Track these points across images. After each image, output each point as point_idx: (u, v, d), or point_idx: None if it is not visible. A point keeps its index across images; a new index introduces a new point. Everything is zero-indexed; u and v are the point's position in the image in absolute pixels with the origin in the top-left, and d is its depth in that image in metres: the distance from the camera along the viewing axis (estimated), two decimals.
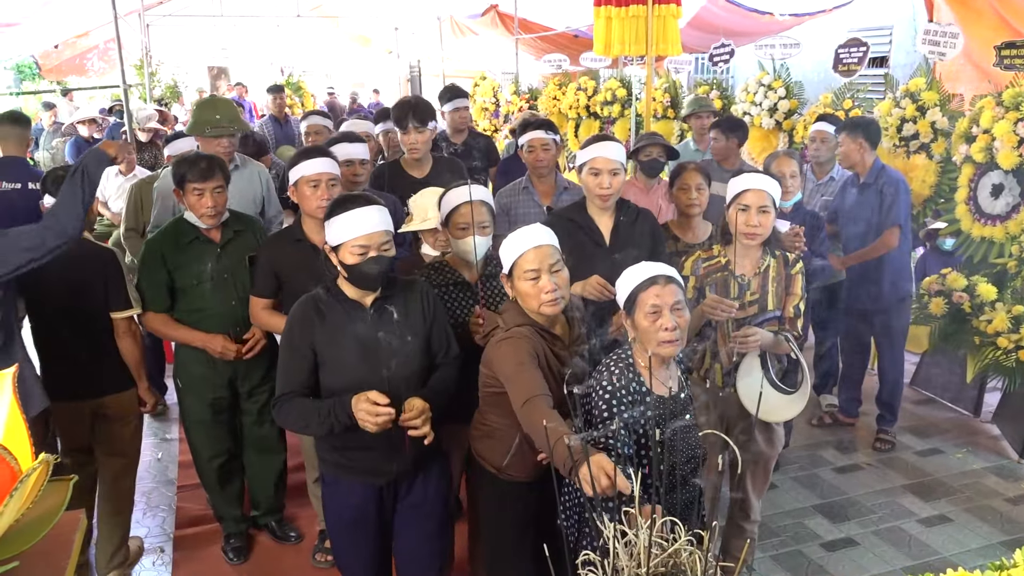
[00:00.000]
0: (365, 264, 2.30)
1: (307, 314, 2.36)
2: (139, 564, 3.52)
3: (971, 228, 4.92)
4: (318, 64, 17.72)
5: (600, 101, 8.92)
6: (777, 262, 2.90)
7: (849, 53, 6.05)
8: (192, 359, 3.24)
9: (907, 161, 5.29)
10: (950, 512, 3.91)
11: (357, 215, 2.31)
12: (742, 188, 2.83)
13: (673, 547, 1.55)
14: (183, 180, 3.07)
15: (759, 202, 2.79)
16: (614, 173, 3.02)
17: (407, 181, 3.86)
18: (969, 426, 4.91)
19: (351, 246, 2.30)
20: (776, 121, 6.51)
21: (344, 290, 2.39)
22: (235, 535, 3.53)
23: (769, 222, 2.81)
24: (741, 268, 2.88)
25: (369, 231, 2.30)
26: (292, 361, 2.36)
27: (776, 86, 6.57)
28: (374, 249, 2.30)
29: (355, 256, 2.29)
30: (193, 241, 3.13)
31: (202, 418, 3.33)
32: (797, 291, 2.89)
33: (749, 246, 2.83)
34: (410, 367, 2.40)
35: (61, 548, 1.16)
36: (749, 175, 2.87)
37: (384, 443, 2.33)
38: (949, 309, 4.87)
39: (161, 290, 3.12)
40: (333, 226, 2.33)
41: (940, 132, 5.16)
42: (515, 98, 10.46)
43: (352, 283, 2.35)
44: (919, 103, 5.23)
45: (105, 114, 9.73)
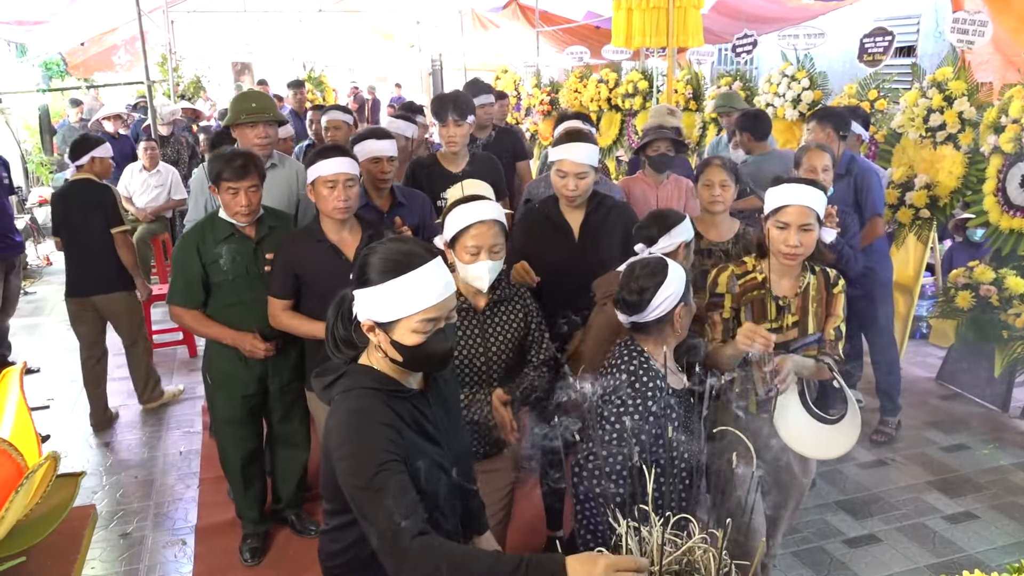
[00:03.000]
0: (433, 341, 1.67)
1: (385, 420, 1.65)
2: (160, 556, 3.57)
3: (999, 220, 4.83)
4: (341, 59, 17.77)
5: (621, 94, 8.86)
6: (818, 280, 2.65)
7: (874, 42, 5.94)
8: (223, 356, 3.24)
9: (934, 152, 5.20)
10: (976, 509, 3.83)
11: (421, 277, 1.64)
12: (781, 202, 2.52)
13: (686, 544, 1.53)
14: (219, 177, 3.06)
15: (801, 220, 2.49)
16: (580, 176, 2.99)
17: (444, 176, 3.86)
18: (997, 421, 4.81)
19: (416, 322, 1.65)
20: (800, 112, 6.41)
21: (388, 375, 1.74)
22: (252, 536, 3.54)
23: (812, 241, 2.52)
24: (779, 287, 2.62)
25: (440, 298, 1.66)
26: (400, 481, 1.59)
27: (800, 77, 6.47)
28: (443, 320, 1.70)
29: (419, 335, 1.66)
30: (228, 237, 3.14)
31: (231, 416, 3.33)
32: (839, 312, 2.64)
33: (788, 265, 2.58)
34: (467, 447, 1.97)
35: (71, 543, 1.17)
36: (790, 186, 2.54)
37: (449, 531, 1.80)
38: (977, 303, 4.79)
39: (195, 286, 3.13)
40: (380, 296, 1.65)
41: (968, 122, 5.05)
42: (536, 91, 10.41)
43: (410, 367, 1.72)
44: (946, 93, 5.12)
45: (130, 110, 9.83)
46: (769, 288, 2.59)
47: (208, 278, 3.14)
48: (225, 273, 3.13)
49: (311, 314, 2.99)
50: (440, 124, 3.83)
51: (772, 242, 2.54)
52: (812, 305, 2.63)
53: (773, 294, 2.59)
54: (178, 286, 3.16)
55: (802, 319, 2.62)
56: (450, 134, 3.81)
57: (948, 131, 5.12)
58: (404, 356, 1.67)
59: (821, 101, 6.40)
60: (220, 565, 3.49)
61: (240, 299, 3.17)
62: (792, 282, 2.61)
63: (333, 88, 11.46)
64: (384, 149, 3.46)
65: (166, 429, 4.83)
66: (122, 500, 4.04)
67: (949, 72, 5.18)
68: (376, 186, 3.52)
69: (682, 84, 7.94)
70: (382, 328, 1.67)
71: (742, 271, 2.67)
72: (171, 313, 3.21)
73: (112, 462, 4.45)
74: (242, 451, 3.39)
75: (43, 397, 5.24)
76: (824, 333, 2.64)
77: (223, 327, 3.17)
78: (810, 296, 2.62)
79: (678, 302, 2.28)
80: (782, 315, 2.60)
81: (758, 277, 2.63)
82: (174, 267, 3.19)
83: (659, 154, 3.98)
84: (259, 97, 3.80)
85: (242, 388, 3.29)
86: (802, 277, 2.62)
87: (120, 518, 3.88)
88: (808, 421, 2.48)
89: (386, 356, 1.69)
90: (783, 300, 2.60)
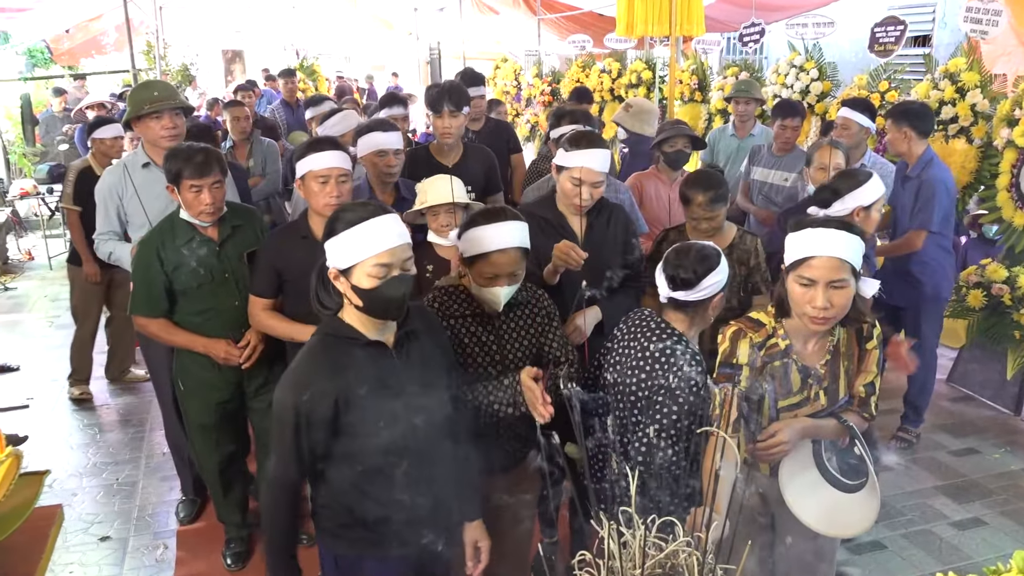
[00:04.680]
0: (388, 286, 1.93)
1: (319, 368, 1.97)
2: (141, 560, 3.59)
3: (1013, 216, 4.85)
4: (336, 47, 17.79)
5: (625, 84, 8.87)
6: (848, 335, 2.28)
7: (886, 32, 5.96)
8: (195, 363, 3.18)
9: (946, 146, 5.21)
10: (985, 515, 3.85)
11: (374, 226, 1.94)
12: (805, 253, 2.10)
13: (669, 548, 1.55)
14: (179, 176, 2.94)
15: (831, 276, 2.07)
16: (596, 185, 2.91)
17: (438, 169, 3.76)
18: (1008, 425, 4.83)
19: (370, 266, 1.92)
20: (808, 104, 6.43)
21: (356, 327, 2.01)
22: (235, 540, 3.54)
23: (846, 300, 2.12)
24: (804, 354, 2.27)
25: (391, 245, 1.94)
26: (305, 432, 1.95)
27: (808, 67, 6.50)
28: (397, 267, 1.96)
29: (374, 278, 1.92)
30: (190, 241, 3.04)
31: (205, 422, 3.28)
32: (873, 368, 2.29)
33: (816, 331, 2.21)
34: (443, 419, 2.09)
35: (35, 542, 1.18)
36: (816, 232, 2.11)
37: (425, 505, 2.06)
38: (988, 302, 4.81)
39: (158, 294, 3.04)
40: (342, 243, 1.94)
41: (981, 115, 5.07)
42: (537, 81, 10.44)
43: (369, 312, 1.97)
44: (959, 84, 5.14)
45: (115, 99, 9.85)
46: (794, 357, 2.25)
47: (172, 285, 3.05)
48: (189, 280, 3.04)
49: (294, 315, 2.94)
50: (435, 115, 3.83)
51: (795, 302, 2.16)
52: (843, 365, 2.28)
53: (799, 364, 2.25)
54: (140, 296, 3.06)
55: (831, 385, 2.28)
56: (445, 125, 3.81)
57: (960, 124, 5.15)
58: (363, 300, 1.94)
59: (830, 92, 6.42)
60: (202, 570, 3.51)
61: (208, 305, 3.09)
62: (819, 344, 2.26)
63: (327, 78, 11.48)
64: (390, 142, 3.44)
65: (148, 430, 4.85)
66: (102, 502, 4.07)
67: (962, 63, 5.19)
68: (381, 180, 3.51)
69: (687, 74, 7.96)
70: (343, 274, 1.95)
71: (761, 337, 2.27)
72: (136, 323, 3.15)
73: (92, 463, 4.47)
74: (219, 456, 3.35)
75: (22, 396, 5.27)
76: (852, 390, 2.31)
77: (193, 335, 3.09)
78: (840, 355, 2.27)
79: (720, 290, 2.39)
80: (808, 385, 2.27)
81: (780, 344, 2.25)
82: (134, 276, 3.09)
83: (676, 151, 3.94)
84: (159, 85, 3.70)
85: (217, 395, 3.23)
86: (831, 336, 2.26)
87: (100, 521, 3.90)
88: (819, 482, 2.22)
89: (351, 304, 1.97)
90: (811, 374, 2.25)
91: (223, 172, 3.06)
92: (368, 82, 16.82)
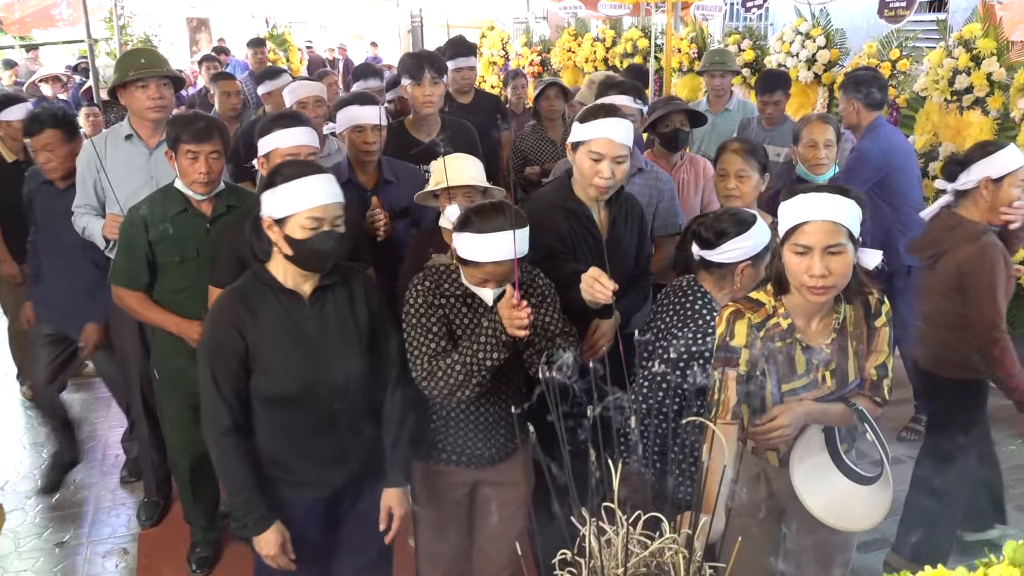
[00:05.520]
0: (318, 239, 2.21)
1: (234, 310, 2.27)
2: (100, 566, 3.59)
3: None
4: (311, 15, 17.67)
5: (619, 53, 8.86)
6: (855, 312, 2.27)
7: None
8: (171, 350, 3.20)
9: (960, 118, 5.23)
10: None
11: (311, 183, 2.22)
12: (799, 219, 2.11)
13: (654, 546, 1.55)
14: (177, 140, 2.98)
15: (826, 241, 2.07)
16: (618, 161, 2.69)
17: (411, 145, 3.78)
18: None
19: (303, 218, 2.20)
20: (815, 74, 6.43)
21: (277, 276, 2.31)
22: (201, 544, 3.54)
23: (845, 268, 2.10)
24: (808, 333, 2.25)
25: (325, 201, 2.22)
26: (223, 375, 2.26)
27: (815, 34, 6.49)
28: (328, 223, 2.23)
29: (306, 230, 2.20)
30: (181, 213, 3.07)
31: (180, 416, 3.29)
32: (883, 347, 2.28)
33: (817, 303, 2.19)
34: (355, 370, 2.36)
35: None
36: (808, 197, 2.12)
37: (328, 450, 2.37)
38: None
39: (139, 266, 3.08)
40: (279, 195, 2.22)
41: (997, 85, 5.08)
42: (526, 50, 10.40)
43: (298, 263, 2.26)
44: (974, 52, 5.15)
45: (70, 72, 9.78)
46: (798, 337, 2.24)
47: (154, 258, 3.08)
48: (171, 253, 3.08)
49: None
50: (414, 83, 3.77)
51: (792, 274, 2.15)
52: (851, 345, 2.26)
53: (804, 344, 2.24)
54: (121, 264, 3.12)
55: (839, 366, 2.26)
56: (426, 94, 3.76)
57: (976, 94, 5.16)
58: (293, 250, 2.21)
59: (838, 61, 6.42)
60: None
61: (189, 284, 3.10)
62: (823, 322, 2.25)
63: (299, 48, 11.42)
64: (368, 116, 3.37)
65: (107, 428, 4.85)
66: (57, 506, 4.06)
67: (977, 29, 5.20)
68: (360, 159, 3.44)
69: (686, 43, 7.94)
70: (278, 223, 2.21)
71: (761, 318, 2.26)
72: (114, 294, 3.18)
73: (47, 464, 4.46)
74: (193, 453, 3.34)
75: None
76: (864, 373, 2.30)
77: (167, 313, 3.13)
78: (847, 335, 2.25)
79: (746, 258, 2.51)
80: (813, 367, 2.25)
81: (782, 323, 2.24)
82: (119, 243, 3.15)
83: (672, 130, 3.77)
84: (148, 52, 3.68)
85: (190, 385, 3.15)
86: (835, 314, 2.25)
87: (55, 526, 3.90)
88: (830, 471, 2.23)
89: (281, 253, 2.24)
90: (816, 355, 2.24)
91: (224, 144, 3.07)
92: (341, 52, 16.67)
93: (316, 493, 2.43)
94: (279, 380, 2.27)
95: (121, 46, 9.07)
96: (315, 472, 2.39)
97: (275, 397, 2.29)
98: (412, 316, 2.43)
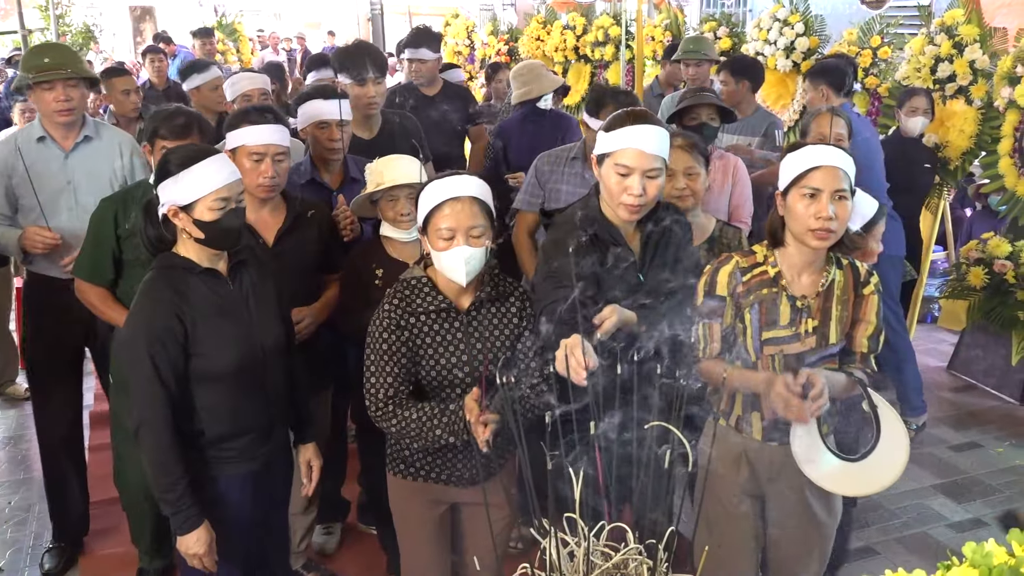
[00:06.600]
0: (227, 218, 2.35)
1: (168, 296, 2.36)
2: None
3: (1016, 185, 4.96)
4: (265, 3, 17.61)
5: (590, 42, 8.89)
6: (845, 277, 2.44)
7: None
8: None
9: (943, 107, 5.31)
10: (987, 515, 3.97)
11: (213, 164, 2.34)
12: (809, 165, 2.31)
13: (617, 557, 1.58)
14: (154, 135, 2.98)
15: (834, 185, 2.28)
16: (651, 175, 2.43)
17: (355, 144, 3.72)
18: (1014, 416, 4.97)
19: (211, 200, 2.33)
20: (793, 62, 6.49)
21: (191, 259, 2.42)
22: (149, 572, 3.50)
23: (847, 214, 2.33)
24: (796, 285, 2.41)
25: (229, 180, 2.36)
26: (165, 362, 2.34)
27: (793, 21, 6.55)
28: (233, 200, 2.37)
29: (215, 211, 2.33)
30: None
31: None
32: (871, 317, 2.43)
33: (819, 249, 2.36)
34: (278, 341, 2.56)
35: None
36: (815, 148, 2.36)
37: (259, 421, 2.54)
38: (991, 280, 4.91)
39: (104, 260, 3.06)
40: (182, 182, 2.33)
41: (980, 73, 5.17)
42: (492, 39, 10.43)
43: (211, 244, 2.38)
44: (956, 39, 5.24)
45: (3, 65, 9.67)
46: (784, 285, 2.41)
47: (121, 254, 3.06)
48: (140, 251, 3.01)
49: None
50: (357, 84, 3.71)
51: (796, 219, 2.32)
52: (836, 308, 2.41)
53: (789, 293, 2.40)
54: (86, 257, 3.09)
55: (822, 324, 2.40)
56: (371, 94, 3.73)
57: (958, 83, 5.25)
58: (205, 232, 2.34)
59: (818, 48, 6.48)
60: None
61: None
62: (813, 277, 2.41)
63: (250, 38, 11.36)
64: (333, 111, 3.33)
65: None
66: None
67: (959, 15, 5.29)
68: (324, 157, 3.42)
69: (659, 30, 8.00)
70: (184, 210, 2.33)
71: (749, 263, 2.45)
72: (76, 288, 3.14)
73: None
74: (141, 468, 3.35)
75: None
76: (853, 344, 2.45)
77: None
78: (834, 296, 2.41)
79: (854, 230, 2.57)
80: (798, 319, 2.39)
81: (769, 272, 2.42)
82: (87, 234, 3.12)
83: (698, 124, 3.64)
84: (55, 49, 3.59)
85: None
86: (825, 272, 2.41)
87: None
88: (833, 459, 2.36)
89: (191, 238, 2.36)
90: (800, 301, 2.39)
91: (205, 141, 3.01)
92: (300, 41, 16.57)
93: (250, 466, 2.55)
94: (217, 358, 2.40)
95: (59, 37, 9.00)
96: (249, 445, 2.52)
97: (212, 374, 2.41)
98: (375, 341, 2.42)
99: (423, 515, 2.64)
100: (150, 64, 7.22)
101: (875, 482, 2.39)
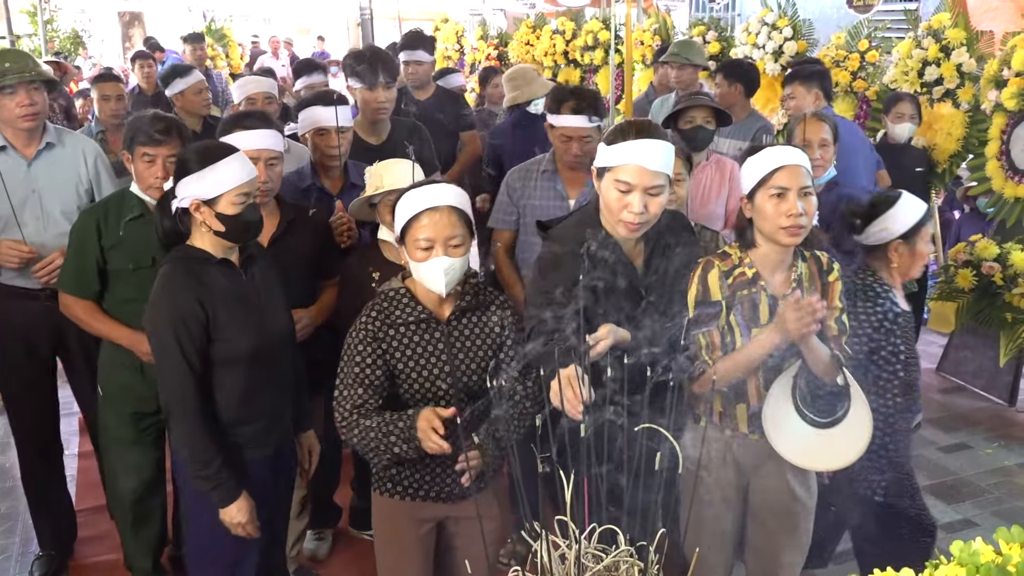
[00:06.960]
0: (248, 211, 2.49)
1: (189, 283, 2.47)
2: None
3: (1004, 187, 4.99)
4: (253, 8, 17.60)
5: (580, 46, 8.92)
6: (810, 268, 2.55)
7: None
8: (118, 363, 3.12)
9: (931, 110, 5.35)
10: (976, 516, 3.98)
11: (235, 161, 2.48)
12: (773, 166, 2.39)
13: (608, 559, 1.58)
14: (133, 141, 2.96)
15: (800, 183, 2.37)
16: (652, 192, 2.35)
17: (363, 150, 3.73)
18: (1002, 417, 5.00)
19: (234, 195, 2.45)
20: (782, 66, 6.53)
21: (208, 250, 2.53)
22: None
23: (813, 208, 2.41)
24: (772, 283, 2.50)
25: (250, 176, 2.51)
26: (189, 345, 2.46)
27: (781, 25, 6.59)
28: (252, 195, 2.52)
29: (236, 206, 2.46)
30: (136, 219, 3.01)
31: (123, 436, 3.19)
32: (838, 302, 2.54)
33: (791, 245, 2.44)
34: (288, 330, 2.73)
35: None
36: (775, 149, 2.45)
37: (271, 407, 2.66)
38: (979, 282, 4.93)
39: (89, 272, 3.02)
40: (207, 177, 2.44)
41: (967, 76, 5.21)
42: (482, 44, 10.44)
43: (230, 236, 2.51)
44: (943, 42, 5.28)
45: None
46: (762, 285, 2.48)
47: (105, 264, 3.02)
48: (125, 261, 3.01)
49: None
50: (367, 88, 3.74)
51: (767, 219, 2.40)
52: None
53: (768, 292, 2.48)
54: (70, 270, 3.05)
55: None
56: (381, 99, 3.74)
57: (946, 86, 5.28)
58: (227, 225, 2.46)
59: (806, 53, 6.52)
60: None
61: (142, 294, 2.91)
62: (784, 275, 2.51)
63: (239, 43, 11.35)
64: (332, 118, 3.33)
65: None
66: None
67: (946, 18, 5.33)
68: (324, 164, 3.42)
69: (648, 35, 8.03)
70: (207, 204, 2.44)
71: (728, 266, 2.50)
72: (61, 302, 3.11)
73: None
74: (134, 481, 3.24)
75: None
76: (825, 328, 2.48)
77: (118, 325, 3.05)
78: (804, 288, 2.49)
79: (895, 237, 2.81)
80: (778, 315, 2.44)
81: (747, 273, 2.49)
82: (69, 247, 3.08)
83: (694, 127, 3.63)
84: (14, 55, 3.51)
85: (136, 404, 3.15)
86: (794, 267, 2.52)
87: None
88: (801, 425, 2.45)
89: (210, 231, 2.48)
90: (777, 299, 2.45)
91: (183, 145, 2.99)
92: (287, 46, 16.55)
93: (263, 452, 2.67)
94: (237, 343, 2.52)
95: (47, 43, 8.99)
96: (262, 431, 2.64)
97: (232, 359, 2.53)
98: (350, 353, 2.39)
99: (408, 535, 2.57)
100: (139, 70, 7.21)
101: (839, 457, 2.51)
